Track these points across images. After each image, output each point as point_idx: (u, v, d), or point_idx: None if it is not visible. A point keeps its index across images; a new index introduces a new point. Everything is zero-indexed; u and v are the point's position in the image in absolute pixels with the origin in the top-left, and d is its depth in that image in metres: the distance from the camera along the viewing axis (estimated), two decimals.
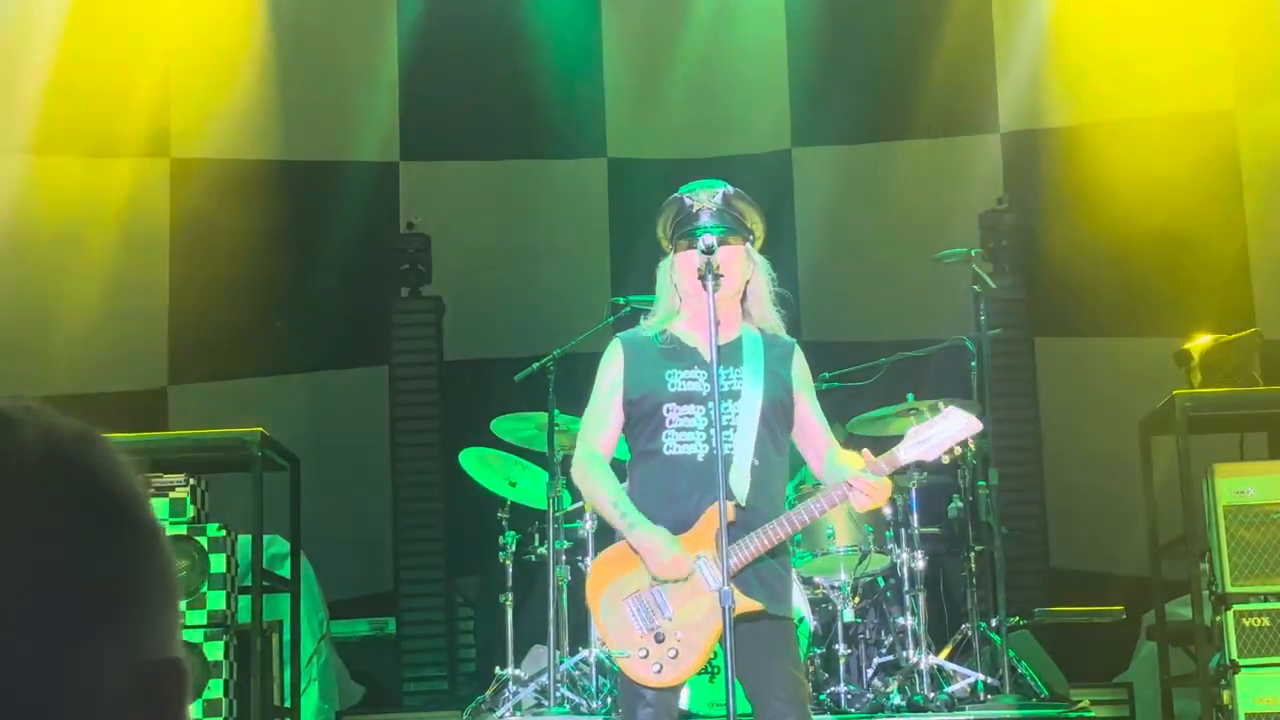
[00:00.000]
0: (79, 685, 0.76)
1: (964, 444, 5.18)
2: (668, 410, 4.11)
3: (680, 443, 4.08)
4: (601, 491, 4.20)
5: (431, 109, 8.48)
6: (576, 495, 5.89)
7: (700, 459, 4.06)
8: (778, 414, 4.15)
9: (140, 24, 7.73)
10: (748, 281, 4.13)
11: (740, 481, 4.02)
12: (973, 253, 6.51)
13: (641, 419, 4.17)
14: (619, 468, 4.28)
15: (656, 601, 4.08)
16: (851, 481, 3.92)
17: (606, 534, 4.53)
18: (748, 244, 4.11)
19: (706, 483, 3.99)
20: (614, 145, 8.51)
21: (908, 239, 7.78)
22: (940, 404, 4.74)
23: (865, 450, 4.04)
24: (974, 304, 6.49)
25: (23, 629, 0.74)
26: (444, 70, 8.42)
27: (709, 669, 4.58)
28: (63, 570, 0.76)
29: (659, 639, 4.07)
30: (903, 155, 8.38)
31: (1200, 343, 6.42)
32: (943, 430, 4.10)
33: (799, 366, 4.23)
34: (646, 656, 4.06)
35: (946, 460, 4.96)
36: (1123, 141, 7.69)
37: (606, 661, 5.62)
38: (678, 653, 4.06)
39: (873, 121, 8.44)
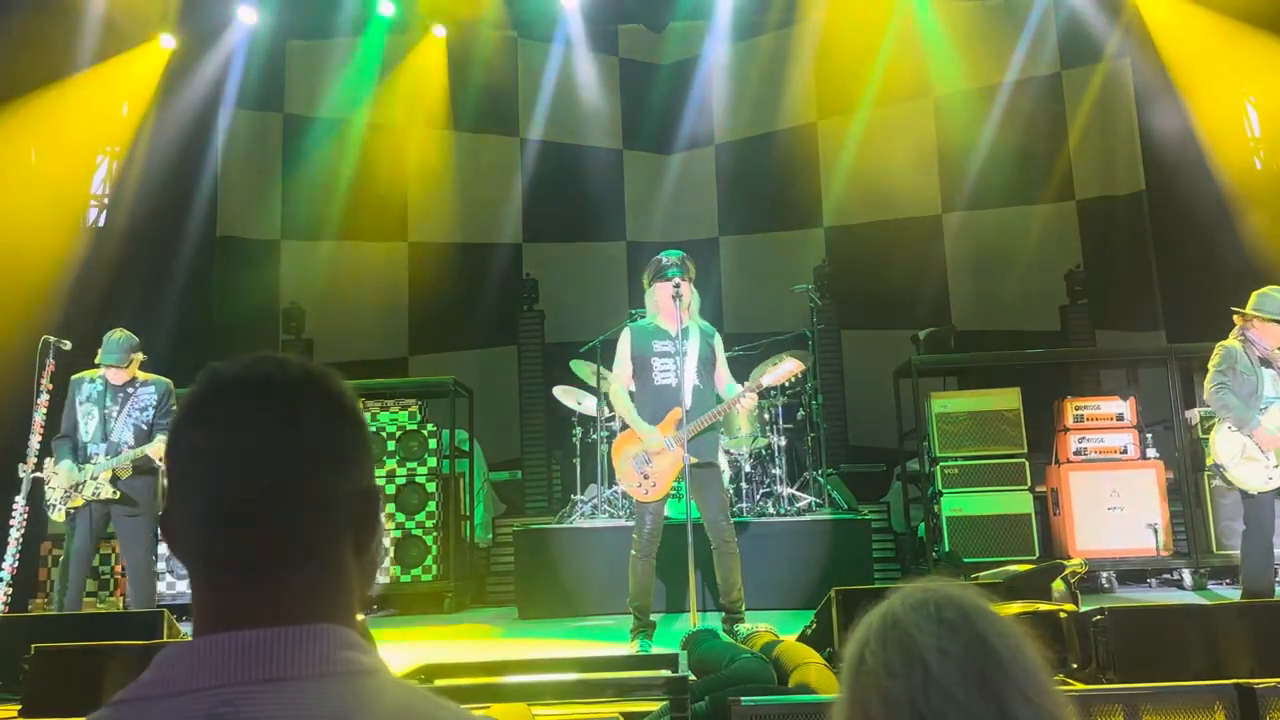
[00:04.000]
0: (343, 491, 0.97)
1: (802, 379, 7.59)
2: (654, 361, 5.25)
3: (661, 376, 5.25)
4: (622, 404, 5.34)
5: (546, 211, 10.77)
6: (608, 406, 7.36)
7: (671, 385, 5.18)
8: (705, 365, 5.30)
9: (389, 164, 10.32)
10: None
11: (686, 397, 5.11)
12: (809, 287, 8.37)
13: (641, 366, 5.29)
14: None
15: (644, 459, 5.19)
16: (740, 396, 5.20)
17: (623, 426, 5.49)
18: (690, 281, 5.31)
19: (673, 397, 5.16)
20: (630, 234, 10.94)
21: (779, 279, 9.56)
22: (783, 355, 5.59)
23: (750, 382, 5.32)
24: (810, 312, 8.39)
25: (322, 464, 0.95)
26: (550, 191, 10.76)
27: (676, 494, 5.55)
28: (331, 437, 0.97)
29: (645, 477, 5.18)
30: (777, 237, 10.69)
31: (923, 331, 8.32)
32: (780, 369, 5.43)
33: (716, 343, 5.42)
34: (639, 486, 5.21)
35: (787, 384, 7.21)
36: (885, 229, 10.02)
37: (622, 493, 7.12)
38: (655, 484, 5.19)
39: (760, 220, 10.67)
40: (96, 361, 5.76)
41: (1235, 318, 5.67)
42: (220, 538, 0.93)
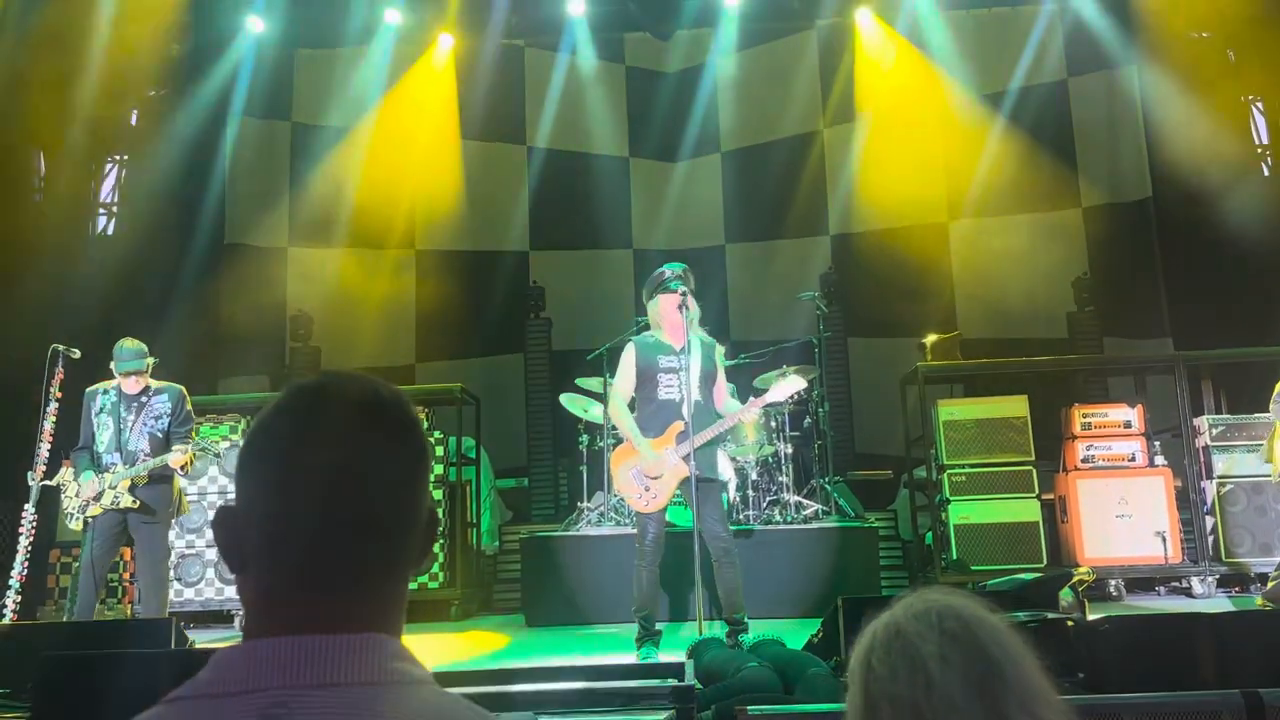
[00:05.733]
0: (422, 512, 1.01)
1: (809, 387, 7.49)
2: (660, 376, 5.26)
3: (666, 391, 5.28)
4: (622, 418, 5.36)
5: (552, 219, 10.87)
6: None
7: (675, 400, 5.23)
8: (707, 379, 5.31)
9: (396, 172, 10.36)
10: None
11: (688, 411, 5.19)
12: (815, 295, 8.41)
13: (645, 380, 5.31)
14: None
15: (643, 471, 5.24)
16: (743, 410, 5.26)
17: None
18: (691, 293, 5.32)
19: (675, 412, 5.23)
20: (636, 242, 10.94)
21: (785, 287, 9.58)
22: (787, 370, 5.57)
23: (747, 402, 5.32)
24: (816, 320, 8.44)
25: (417, 486, 1.00)
26: (557, 198, 10.82)
27: (680, 503, 5.84)
28: (422, 459, 1.02)
29: (646, 489, 5.22)
30: (783, 245, 10.68)
31: (930, 339, 8.40)
32: (783, 387, 5.39)
33: (718, 356, 5.43)
34: (640, 498, 5.23)
35: (791, 399, 7.10)
36: (891, 237, 10.04)
37: (624, 503, 6.84)
38: (656, 495, 5.21)
39: (766, 228, 10.70)
40: (115, 370, 5.71)
41: None
42: (312, 552, 0.94)
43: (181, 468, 5.75)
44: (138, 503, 5.67)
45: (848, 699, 1.09)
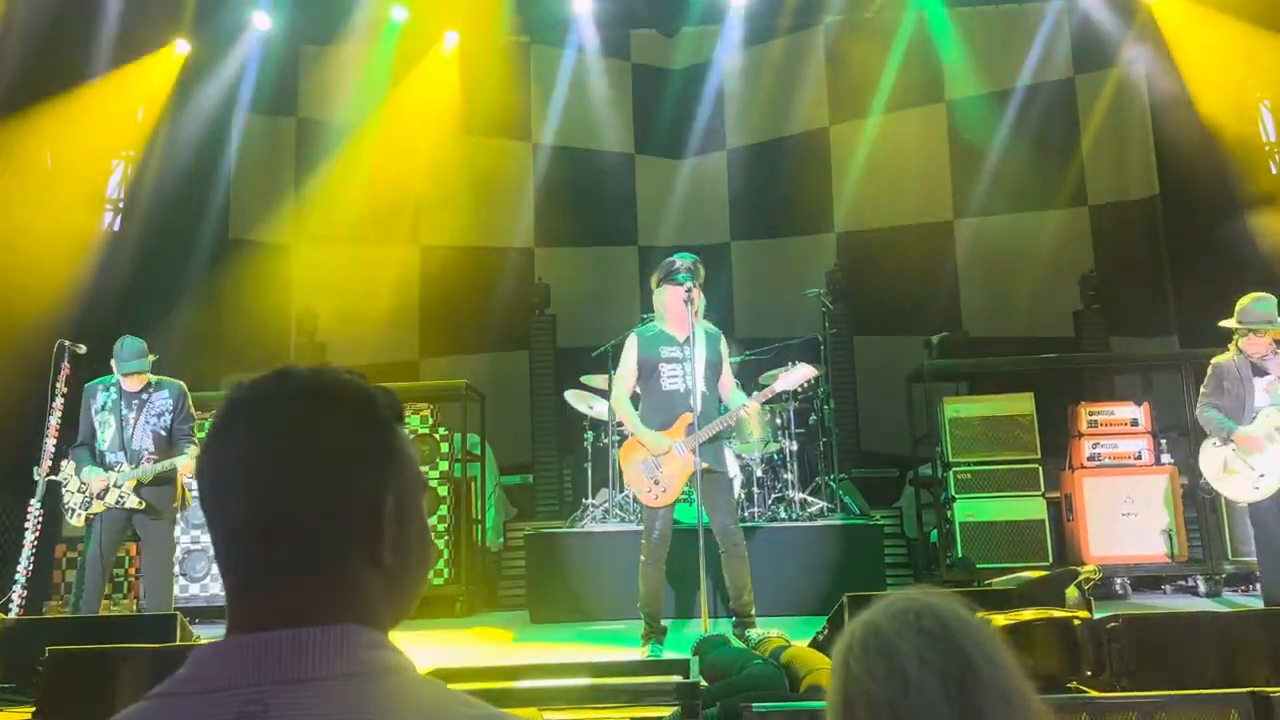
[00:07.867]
0: (339, 501, 0.97)
1: (814, 384, 7.51)
2: (661, 366, 5.26)
3: (669, 381, 5.27)
4: (625, 411, 5.36)
5: (558, 215, 10.79)
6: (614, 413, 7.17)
7: (680, 390, 5.22)
8: (712, 369, 5.29)
9: (401, 168, 10.26)
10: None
11: (695, 402, 5.14)
12: (821, 292, 8.37)
13: (647, 371, 5.31)
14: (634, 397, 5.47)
15: (654, 464, 5.22)
16: (745, 405, 5.25)
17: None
18: (700, 286, 5.32)
19: (681, 402, 5.22)
20: (642, 239, 10.99)
21: (792, 283, 9.38)
22: (793, 361, 5.48)
23: (754, 395, 5.41)
24: (821, 317, 8.40)
25: (311, 477, 0.96)
26: (562, 195, 10.71)
27: (687, 499, 5.89)
28: (323, 449, 0.97)
29: (656, 482, 5.20)
30: (789, 243, 10.68)
31: (936, 336, 8.47)
32: (794, 375, 5.43)
33: (722, 346, 5.39)
34: (649, 491, 5.22)
35: (799, 389, 7.08)
36: (897, 235, 10.01)
37: (633, 497, 6.69)
38: (666, 489, 5.20)
39: (772, 225, 10.70)
40: (121, 372, 5.70)
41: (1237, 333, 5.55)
42: (229, 550, 0.98)
43: (189, 473, 5.74)
44: (144, 504, 5.68)
45: (828, 696, 1.09)
